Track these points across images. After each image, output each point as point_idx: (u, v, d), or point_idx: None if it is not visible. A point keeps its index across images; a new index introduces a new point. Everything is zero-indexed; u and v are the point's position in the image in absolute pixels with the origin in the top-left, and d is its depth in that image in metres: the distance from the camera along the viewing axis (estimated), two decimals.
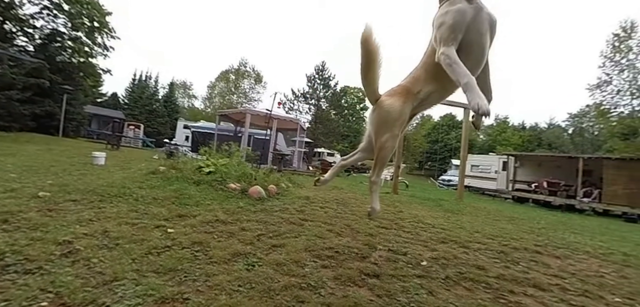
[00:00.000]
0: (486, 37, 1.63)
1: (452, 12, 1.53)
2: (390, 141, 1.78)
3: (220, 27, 70.12)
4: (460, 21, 1.52)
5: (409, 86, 1.83)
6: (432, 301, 1.90)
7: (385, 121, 1.81)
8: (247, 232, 2.71)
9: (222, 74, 44.69)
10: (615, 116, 22.79)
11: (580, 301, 2.18)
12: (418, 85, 1.80)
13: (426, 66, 1.78)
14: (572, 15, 51.76)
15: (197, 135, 18.90)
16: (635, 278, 2.93)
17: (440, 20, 1.57)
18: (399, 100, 1.80)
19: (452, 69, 1.47)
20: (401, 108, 1.78)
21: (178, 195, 3.66)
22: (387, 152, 1.80)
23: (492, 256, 3.07)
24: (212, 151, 6.64)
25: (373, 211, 1.95)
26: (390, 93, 1.89)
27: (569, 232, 5.45)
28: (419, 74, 1.82)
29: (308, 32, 71.45)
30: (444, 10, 1.58)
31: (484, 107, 1.34)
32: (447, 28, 1.52)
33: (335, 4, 70.82)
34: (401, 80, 1.94)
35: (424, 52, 1.84)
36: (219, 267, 1.91)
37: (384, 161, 1.84)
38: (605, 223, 9.20)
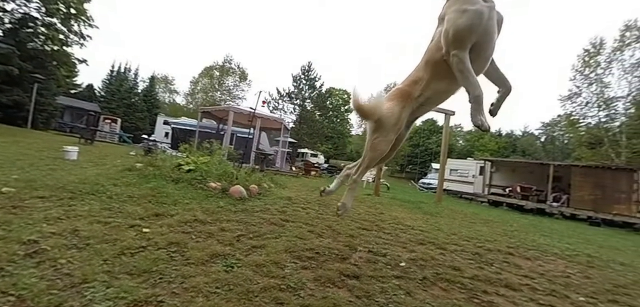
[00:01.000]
0: (495, 37, 1.61)
1: (471, 13, 1.45)
2: (382, 144, 1.76)
3: (205, 22, 68.63)
4: (478, 25, 1.46)
5: (408, 90, 1.79)
6: (409, 302, 1.94)
7: (382, 123, 1.77)
8: (227, 232, 2.67)
9: (206, 69, 43.75)
10: (583, 126, 24.30)
11: (548, 301, 2.29)
12: (418, 88, 1.74)
13: (429, 65, 1.71)
14: (548, 29, 54.55)
15: (177, 132, 18.37)
16: (598, 278, 3.12)
17: (455, 18, 1.47)
18: (398, 106, 1.76)
19: (464, 76, 1.45)
20: (399, 113, 1.75)
21: (155, 193, 3.55)
22: (376, 153, 1.77)
23: (467, 257, 3.18)
24: (192, 149, 6.48)
25: (343, 207, 1.91)
26: (390, 97, 1.84)
27: (539, 235, 5.72)
28: (419, 76, 1.76)
29: (295, 31, 71.29)
30: (460, 7, 1.48)
31: (486, 125, 1.44)
32: (465, 29, 1.44)
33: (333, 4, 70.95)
34: (400, 83, 1.90)
35: (426, 50, 1.76)
36: (197, 269, 1.87)
37: (372, 161, 1.81)
38: (572, 226, 9.74)
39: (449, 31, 1.49)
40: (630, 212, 12.45)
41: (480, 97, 1.43)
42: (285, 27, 70.39)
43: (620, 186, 13.11)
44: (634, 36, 21.28)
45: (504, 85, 1.74)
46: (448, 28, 1.50)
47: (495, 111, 1.79)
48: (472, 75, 1.48)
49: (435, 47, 1.67)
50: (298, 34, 71.70)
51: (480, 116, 1.42)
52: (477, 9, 1.45)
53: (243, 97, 41.56)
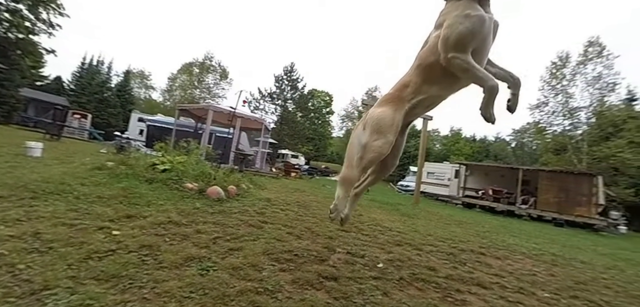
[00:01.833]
0: (490, 42, 1.63)
1: (475, 19, 1.45)
2: (384, 147, 1.68)
3: (186, 16, 66.22)
4: (480, 31, 1.47)
5: (398, 94, 1.77)
6: (386, 302, 1.98)
7: (378, 127, 1.73)
8: (203, 234, 2.59)
9: (185, 66, 42.31)
10: (550, 134, 25.87)
11: (516, 298, 2.41)
12: (409, 92, 1.73)
13: (420, 70, 1.70)
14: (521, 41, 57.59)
15: (152, 130, 17.66)
16: (561, 275, 3.32)
17: (458, 22, 1.46)
18: (391, 109, 1.74)
19: (472, 72, 1.43)
20: (393, 115, 1.72)
21: (127, 194, 3.39)
22: (374, 155, 1.69)
23: (442, 257, 3.28)
24: (168, 148, 6.25)
25: (335, 208, 1.86)
26: (380, 103, 1.82)
27: (508, 235, 6.01)
28: (409, 80, 1.75)
29: (278, 31, 70.73)
30: (462, 12, 1.48)
31: (494, 118, 1.45)
32: (468, 34, 1.43)
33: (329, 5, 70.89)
34: (390, 89, 1.87)
35: (417, 55, 1.75)
36: (170, 273, 1.80)
37: (369, 165, 1.74)
38: (539, 227, 10.32)
39: (450, 36, 1.47)
40: (590, 214, 13.38)
41: (496, 88, 1.41)
42: (269, 26, 69.74)
43: (582, 189, 14.05)
44: (595, 51, 22.99)
45: (511, 79, 1.71)
46: (449, 33, 1.49)
47: (514, 107, 1.70)
48: (480, 69, 1.46)
49: (428, 51, 1.66)
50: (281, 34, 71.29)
51: (491, 109, 1.41)
52: (480, 15, 1.47)
53: (223, 96, 40.65)
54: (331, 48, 72.68)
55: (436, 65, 1.59)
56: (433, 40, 1.62)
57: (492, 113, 1.45)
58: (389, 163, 1.96)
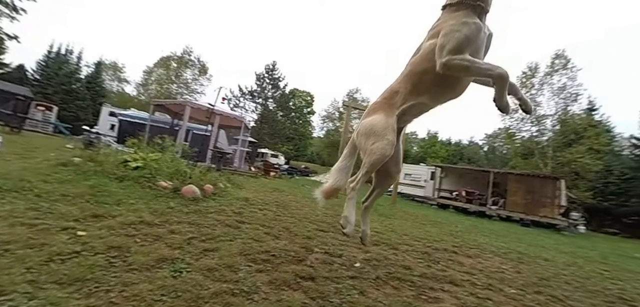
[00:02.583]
0: (483, 54, 1.64)
1: (472, 26, 1.48)
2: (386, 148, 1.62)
3: (164, 6, 63.73)
4: (476, 39, 1.49)
5: (387, 101, 1.75)
6: (362, 301, 2.00)
7: (373, 131, 1.69)
8: (177, 235, 2.51)
9: (162, 59, 40.46)
10: (519, 139, 27.37)
11: (485, 294, 2.52)
12: (399, 99, 1.71)
13: (410, 76, 1.69)
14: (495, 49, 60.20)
15: (125, 125, 16.85)
16: (527, 272, 3.52)
17: (455, 29, 1.48)
18: (382, 114, 1.71)
19: (475, 67, 1.42)
20: (386, 118, 1.69)
21: (95, 192, 3.21)
22: (376, 157, 1.62)
23: (417, 256, 3.37)
24: (142, 144, 5.99)
25: (346, 221, 1.72)
26: (368, 112, 1.79)
27: (479, 235, 6.28)
28: (399, 87, 1.73)
29: (261, 29, 69.68)
30: (460, 20, 1.50)
31: (509, 109, 1.45)
32: (465, 39, 1.45)
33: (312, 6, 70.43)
34: (378, 97, 1.84)
35: (408, 62, 1.74)
36: (140, 275, 1.73)
37: (373, 169, 1.66)
38: (507, 227, 10.88)
39: (447, 43, 1.48)
40: (553, 215, 14.28)
41: (506, 74, 1.37)
42: (251, 24, 68.59)
43: (547, 191, 14.98)
44: (561, 64, 24.62)
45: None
46: (445, 41, 1.49)
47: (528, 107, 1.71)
48: (482, 61, 1.46)
49: (420, 59, 1.65)
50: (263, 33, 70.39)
51: (506, 98, 1.39)
52: (477, 23, 1.50)
53: (202, 92, 39.32)
54: (313, 49, 72.79)
55: (428, 74, 1.59)
56: (427, 47, 1.62)
57: (508, 102, 1.44)
58: (392, 171, 1.90)
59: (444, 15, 1.60)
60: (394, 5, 76.80)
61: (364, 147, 1.70)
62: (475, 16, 1.51)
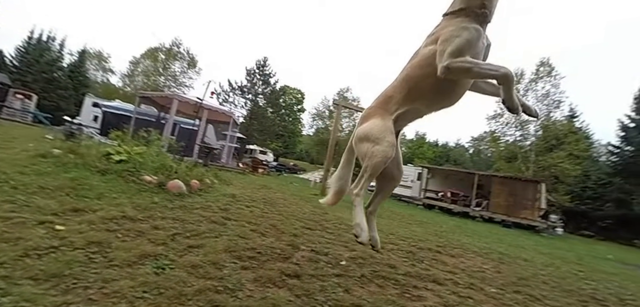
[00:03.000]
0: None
1: (471, 30, 1.47)
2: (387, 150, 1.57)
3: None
4: (476, 43, 1.49)
5: (382, 106, 1.73)
6: (347, 299, 2.02)
7: (371, 135, 1.64)
8: (160, 231, 2.46)
9: (149, 50, 39.25)
10: (503, 143, 28.14)
11: (467, 293, 2.59)
12: (393, 104, 1.69)
13: (405, 82, 1.67)
14: None
15: (109, 117, 16.37)
16: (507, 272, 3.63)
17: (455, 34, 1.47)
18: (377, 118, 1.68)
19: (478, 67, 1.40)
20: (383, 121, 1.66)
21: (75, 185, 3.11)
22: (378, 159, 1.57)
23: (402, 255, 3.42)
24: (126, 137, 5.84)
25: (359, 229, 1.62)
26: (363, 119, 1.77)
27: (463, 235, 6.43)
28: (393, 93, 1.71)
29: (253, 25, 68.71)
30: (459, 25, 1.50)
31: (520, 110, 1.43)
32: (465, 42, 1.44)
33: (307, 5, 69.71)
34: (372, 102, 1.83)
35: (404, 68, 1.72)
36: (121, 271, 1.69)
37: (375, 173, 1.61)
38: (489, 228, 11.17)
39: (447, 48, 1.46)
40: (533, 217, 14.77)
41: (510, 74, 1.35)
42: (243, 18, 67.55)
43: (528, 194, 15.46)
44: (545, 71, 25.46)
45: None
46: (445, 46, 1.47)
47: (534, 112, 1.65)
48: (483, 63, 1.45)
49: (417, 64, 1.63)
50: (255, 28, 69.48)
51: (515, 98, 1.36)
52: (477, 28, 1.50)
53: (190, 86, 38.37)
54: (305, 46, 72.49)
55: (424, 80, 1.59)
56: (425, 53, 1.60)
57: (518, 102, 1.41)
58: (395, 174, 1.85)
59: (444, 22, 1.60)
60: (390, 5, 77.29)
61: (364, 152, 1.65)
62: (476, 23, 1.51)
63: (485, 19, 1.53)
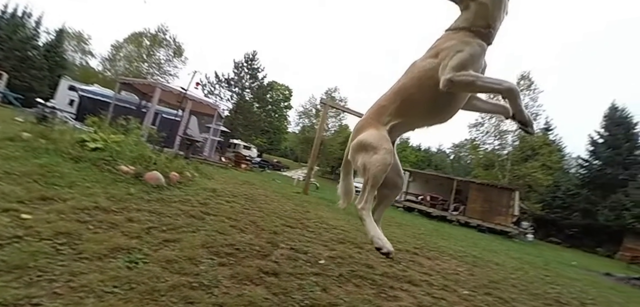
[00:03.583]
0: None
1: (474, 45, 1.46)
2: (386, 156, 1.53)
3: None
4: (479, 59, 1.48)
5: (375, 116, 1.70)
6: (324, 298, 2.04)
7: (367, 145, 1.60)
8: (135, 223, 2.38)
9: (133, 35, 37.71)
10: (482, 151, 29.17)
11: (440, 294, 2.67)
12: (386, 116, 1.65)
13: (399, 95, 1.63)
14: None
15: (86, 102, 15.68)
16: (479, 275, 3.77)
17: (458, 48, 1.46)
18: (371, 128, 1.65)
19: (481, 80, 1.39)
20: (377, 130, 1.62)
21: (45, 172, 2.96)
22: (378, 167, 1.52)
23: (380, 256, 3.45)
24: (103, 124, 5.61)
25: (378, 241, 1.52)
26: (357, 131, 1.74)
27: (440, 238, 6.61)
28: (386, 103, 1.68)
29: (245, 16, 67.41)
30: (462, 40, 1.48)
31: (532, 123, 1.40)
32: (468, 57, 1.42)
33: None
34: (365, 113, 1.80)
35: (400, 79, 1.68)
36: (91, 265, 1.63)
37: (376, 182, 1.55)
38: (465, 232, 11.54)
39: (451, 59, 1.44)
40: (507, 223, 15.41)
41: (515, 88, 1.33)
42: (234, 9, 66.13)
43: (502, 201, 16.12)
44: (525, 84, 26.63)
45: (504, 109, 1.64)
46: (448, 59, 1.45)
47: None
48: (487, 77, 1.43)
49: (415, 76, 1.59)
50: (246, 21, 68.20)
51: (526, 112, 1.34)
52: (480, 43, 1.48)
53: (175, 75, 37.13)
54: (296, 43, 72.06)
55: (420, 93, 1.57)
56: (424, 65, 1.56)
57: (529, 115, 1.39)
58: (397, 181, 1.82)
59: (446, 36, 1.58)
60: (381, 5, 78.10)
61: (361, 164, 1.61)
62: (478, 39, 1.50)
63: (488, 39, 1.51)
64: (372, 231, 1.56)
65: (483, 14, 1.46)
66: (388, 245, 1.49)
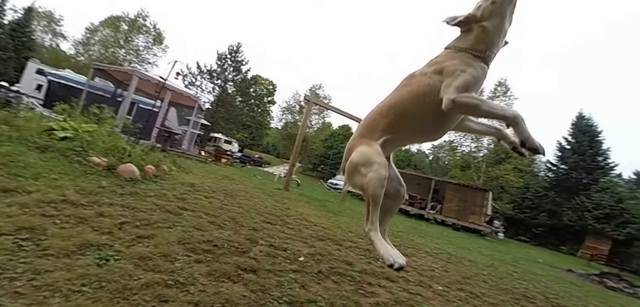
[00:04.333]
0: None
1: (477, 68, 1.44)
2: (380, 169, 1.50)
3: None
4: (480, 81, 1.46)
5: (366, 133, 1.66)
6: (303, 294, 2.04)
7: (360, 164, 1.56)
8: (106, 218, 2.28)
9: (110, 19, 35.71)
10: (459, 152, 30.28)
11: (417, 290, 2.75)
12: (378, 131, 1.62)
13: (395, 108, 1.59)
14: None
15: (56, 87, 14.78)
16: (453, 271, 3.91)
17: (462, 68, 1.43)
18: (363, 146, 1.61)
19: (487, 105, 1.36)
20: (368, 147, 1.59)
21: (7, 161, 2.77)
22: (375, 185, 1.49)
23: (359, 253, 3.53)
24: (74, 112, 5.32)
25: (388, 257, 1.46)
26: (349, 151, 1.70)
27: (417, 236, 6.80)
28: (378, 118, 1.64)
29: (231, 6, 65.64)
30: (464, 60, 1.46)
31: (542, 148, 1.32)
32: (472, 79, 1.40)
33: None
34: (356, 131, 1.76)
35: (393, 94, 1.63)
36: (57, 262, 1.54)
37: (377, 200, 1.53)
38: (441, 230, 11.95)
39: (455, 80, 1.40)
40: (480, 222, 16.10)
41: (520, 117, 1.31)
42: None
43: (477, 201, 16.82)
44: (502, 91, 27.97)
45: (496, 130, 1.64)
46: (452, 79, 1.42)
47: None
48: (493, 103, 1.43)
49: (412, 92, 1.55)
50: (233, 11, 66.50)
51: (534, 138, 1.30)
52: (482, 66, 1.47)
53: (154, 63, 35.51)
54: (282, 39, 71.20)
55: (414, 110, 1.54)
56: (421, 81, 1.53)
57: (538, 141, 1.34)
58: (399, 189, 1.79)
59: (446, 54, 1.55)
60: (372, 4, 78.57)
61: (359, 185, 1.59)
62: (480, 62, 1.48)
63: (487, 62, 1.50)
64: (382, 250, 1.52)
65: (484, 38, 1.47)
66: (399, 260, 1.44)
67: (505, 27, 1.48)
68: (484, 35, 1.47)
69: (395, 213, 1.94)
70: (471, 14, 1.49)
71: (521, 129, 1.33)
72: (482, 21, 1.46)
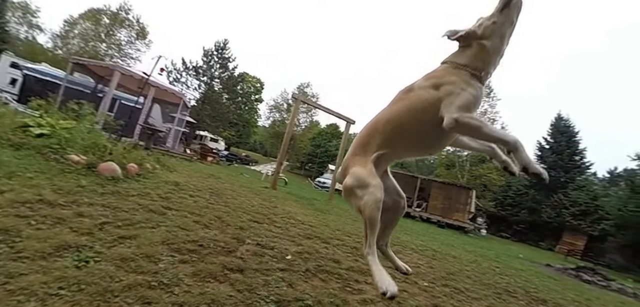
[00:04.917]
0: None
1: (476, 88, 1.43)
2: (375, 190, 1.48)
3: None
4: (478, 101, 1.45)
5: (359, 150, 1.65)
6: (290, 293, 2.04)
7: (355, 187, 1.55)
8: (86, 218, 2.20)
9: (91, 11, 34.25)
10: (444, 151, 30.91)
11: (403, 286, 2.78)
12: (372, 146, 1.59)
13: (391, 122, 1.57)
14: None
15: (31, 82, 14.12)
16: (438, 267, 3.99)
17: (462, 87, 1.41)
18: (356, 166, 1.59)
19: (488, 128, 1.35)
20: (362, 167, 1.57)
21: None
22: (371, 207, 1.48)
23: (347, 250, 3.55)
24: (51, 107, 5.10)
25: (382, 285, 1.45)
26: (344, 171, 1.68)
27: (403, 233, 6.90)
28: (372, 133, 1.62)
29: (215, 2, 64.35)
30: (462, 79, 1.45)
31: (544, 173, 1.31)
32: (472, 99, 1.39)
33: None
34: (351, 147, 1.74)
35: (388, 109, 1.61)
36: (32, 264, 1.47)
37: (374, 222, 1.51)
38: (427, 227, 12.18)
39: (456, 98, 1.39)
40: (464, 219, 16.53)
41: (520, 142, 1.30)
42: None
43: (461, 199, 17.27)
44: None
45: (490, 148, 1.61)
46: (453, 97, 1.40)
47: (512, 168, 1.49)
48: (494, 127, 1.42)
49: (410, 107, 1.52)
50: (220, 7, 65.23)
51: (534, 163, 1.29)
52: (480, 87, 1.46)
53: (137, 59, 34.33)
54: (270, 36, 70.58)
55: (411, 125, 1.53)
56: (419, 95, 1.51)
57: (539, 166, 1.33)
58: (398, 201, 1.76)
59: (444, 69, 1.54)
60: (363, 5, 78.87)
61: (356, 208, 1.58)
62: (477, 81, 1.48)
63: (482, 82, 1.50)
64: (377, 276, 1.49)
65: (482, 57, 1.46)
66: (392, 288, 1.41)
67: (503, 49, 1.48)
68: (482, 54, 1.47)
69: (396, 226, 1.91)
70: (472, 30, 1.48)
71: (521, 155, 1.31)
72: (482, 39, 1.46)
